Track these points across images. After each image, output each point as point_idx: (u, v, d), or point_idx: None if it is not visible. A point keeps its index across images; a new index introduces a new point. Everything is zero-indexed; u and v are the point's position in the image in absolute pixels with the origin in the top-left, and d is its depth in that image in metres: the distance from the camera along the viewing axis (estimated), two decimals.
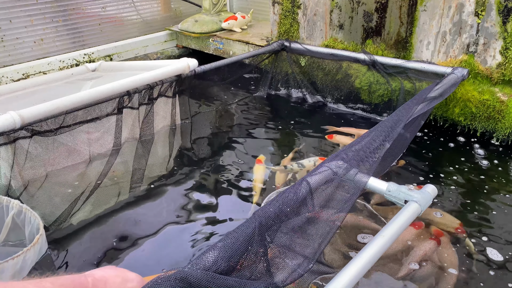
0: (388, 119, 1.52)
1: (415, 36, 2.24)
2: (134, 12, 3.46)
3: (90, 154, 2.00)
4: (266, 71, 2.95)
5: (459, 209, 1.64)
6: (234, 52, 3.18)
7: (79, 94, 1.79)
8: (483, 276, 1.32)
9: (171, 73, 2.18)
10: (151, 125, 2.24)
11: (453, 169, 1.91)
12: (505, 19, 1.92)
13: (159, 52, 3.58)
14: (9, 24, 2.74)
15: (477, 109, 2.08)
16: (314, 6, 2.63)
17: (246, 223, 0.97)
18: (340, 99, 2.62)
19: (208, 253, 0.87)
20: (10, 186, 1.72)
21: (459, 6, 2.04)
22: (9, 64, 2.79)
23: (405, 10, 2.23)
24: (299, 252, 1.06)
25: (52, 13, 2.93)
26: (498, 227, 1.54)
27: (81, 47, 3.17)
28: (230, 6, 3.93)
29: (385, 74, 2.34)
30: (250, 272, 0.94)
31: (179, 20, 3.70)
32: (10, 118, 1.56)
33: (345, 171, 1.23)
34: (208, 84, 2.78)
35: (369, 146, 1.36)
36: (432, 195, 1.26)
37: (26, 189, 1.75)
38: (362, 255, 0.98)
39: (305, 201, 1.11)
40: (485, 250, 1.43)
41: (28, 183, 1.77)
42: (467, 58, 2.10)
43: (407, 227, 1.13)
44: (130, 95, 2.04)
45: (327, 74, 2.64)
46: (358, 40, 2.50)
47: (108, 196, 1.77)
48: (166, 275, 0.78)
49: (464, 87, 2.10)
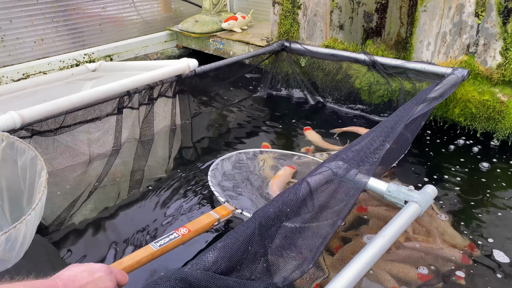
0: (388, 120, 1.52)
1: (415, 36, 2.24)
2: (134, 12, 3.46)
3: (90, 154, 2.00)
4: (266, 72, 2.95)
5: (459, 210, 1.64)
6: (234, 52, 3.19)
7: (79, 94, 1.79)
8: (490, 279, 1.31)
9: (171, 73, 2.18)
10: (151, 125, 2.24)
11: (453, 170, 1.91)
12: (505, 19, 1.92)
13: (159, 52, 3.58)
14: (10, 24, 2.74)
15: (477, 110, 2.08)
16: (314, 6, 2.63)
17: (246, 223, 0.97)
18: (340, 100, 2.62)
19: (208, 253, 0.87)
20: None
21: (459, 7, 2.04)
22: (9, 64, 2.79)
23: (405, 11, 2.23)
24: (299, 252, 1.06)
25: (52, 13, 2.94)
26: (499, 228, 1.54)
27: (82, 47, 3.17)
28: (230, 7, 3.94)
29: (385, 74, 2.34)
30: (250, 272, 0.94)
31: (179, 20, 3.71)
32: (10, 118, 1.56)
33: (345, 172, 1.23)
34: (208, 84, 2.78)
35: (369, 146, 1.36)
36: (432, 196, 1.26)
37: None
38: (362, 255, 0.99)
39: (305, 201, 1.11)
40: (492, 252, 1.42)
41: None
42: (467, 59, 2.10)
43: (407, 225, 1.13)
44: (130, 95, 2.04)
45: (327, 74, 2.64)
46: (358, 40, 2.50)
47: (108, 196, 1.77)
48: (165, 274, 0.78)
49: (464, 87, 2.11)
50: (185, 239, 1.20)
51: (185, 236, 1.20)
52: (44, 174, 1.22)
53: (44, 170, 1.23)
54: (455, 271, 1.32)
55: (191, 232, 1.21)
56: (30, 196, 1.30)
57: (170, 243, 1.16)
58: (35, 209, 1.09)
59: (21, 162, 1.32)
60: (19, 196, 1.33)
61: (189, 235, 1.21)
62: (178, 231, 1.20)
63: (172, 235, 1.18)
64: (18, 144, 1.30)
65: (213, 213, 1.33)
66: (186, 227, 1.22)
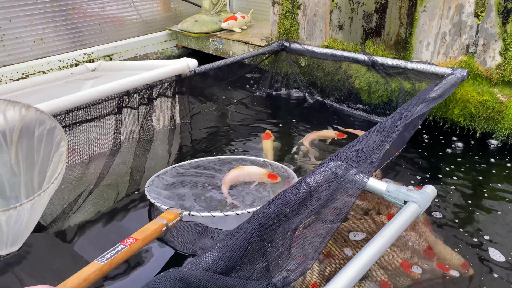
0: (388, 120, 1.52)
1: (414, 36, 2.24)
2: (134, 12, 3.46)
3: (90, 153, 2.00)
4: (266, 72, 2.95)
5: (459, 210, 1.64)
6: (234, 52, 3.19)
7: (79, 94, 1.79)
8: (486, 278, 1.32)
9: (170, 73, 2.18)
10: (151, 125, 2.24)
11: (452, 170, 1.91)
12: (505, 20, 1.93)
13: (159, 52, 3.58)
14: (9, 24, 2.73)
15: (477, 110, 2.09)
16: (314, 6, 2.63)
17: (245, 223, 0.97)
18: (339, 100, 2.62)
19: (208, 253, 0.87)
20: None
21: (459, 7, 2.04)
22: (8, 64, 2.79)
23: (405, 11, 2.23)
24: (299, 252, 1.06)
25: (51, 12, 2.93)
26: (499, 228, 1.54)
27: (81, 47, 3.17)
28: (230, 6, 3.94)
29: (384, 74, 2.34)
30: (249, 272, 0.94)
31: (179, 20, 3.71)
32: None
33: (345, 171, 1.23)
34: (207, 84, 2.78)
35: (368, 146, 1.36)
36: (432, 196, 1.26)
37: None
38: (362, 255, 0.99)
39: (304, 201, 1.11)
40: (487, 251, 1.43)
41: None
42: (466, 59, 2.10)
43: (407, 225, 1.14)
44: (129, 95, 2.04)
45: (327, 74, 2.64)
46: (358, 40, 2.50)
47: (107, 195, 1.77)
48: (165, 274, 0.78)
49: (464, 88, 2.11)
50: (134, 249, 1.16)
51: (133, 245, 1.16)
52: (64, 144, 1.22)
53: (64, 141, 1.23)
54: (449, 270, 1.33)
55: (139, 241, 1.17)
56: (43, 169, 1.30)
57: (118, 255, 1.11)
58: (57, 178, 1.08)
59: (38, 132, 1.31)
60: (30, 169, 1.33)
61: (138, 244, 1.17)
62: (124, 242, 1.16)
63: (119, 247, 1.14)
64: (38, 114, 1.30)
65: (158, 219, 1.29)
66: (133, 237, 1.18)
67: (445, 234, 1.50)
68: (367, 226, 1.48)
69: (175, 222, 1.31)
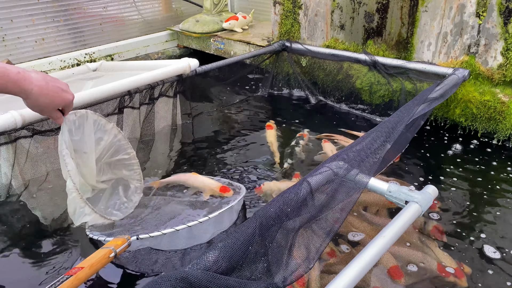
0: (389, 120, 1.52)
1: (416, 37, 2.24)
2: (135, 12, 3.46)
3: None
4: (267, 72, 2.95)
5: (459, 210, 1.64)
6: (235, 52, 3.19)
7: (80, 94, 1.79)
8: (482, 276, 1.32)
9: (172, 73, 2.18)
10: (152, 125, 2.24)
11: (453, 170, 1.91)
12: (506, 20, 1.92)
13: (160, 52, 3.58)
14: (10, 24, 2.74)
15: (478, 110, 2.08)
16: (315, 6, 2.63)
17: (246, 223, 0.97)
18: (341, 100, 2.62)
19: (209, 253, 0.87)
20: (10, 185, 1.72)
21: (460, 7, 2.04)
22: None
23: (406, 11, 2.23)
24: (300, 252, 1.06)
25: (53, 12, 2.94)
26: (499, 228, 1.54)
27: (82, 47, 3.17)
28: (231, 6, 3.94)
29: (386, 74, 2.34)
30: (251, 272, 0.94)
31: (180, 20, 3.71)
32: (11, 117, 1.56)
33: (346, 172, 1.23)
34: (209, 84, 2.78)
35: (370, 146, 1.36)
36: (433, 196, 1.26)
37: (27, 188, 1.75)
38: (362, 256, 0.98)
39: (305, 201, 1.11)
40: (483, 248, 1.43)
41: (28, 182, 1.77)
42: (468, 59, 2.10)
43: (408, 225, 1.13)
44: (131, 95, 2.04)
45: (328, 74, 2.64)
46: (359, 40, 2.50)
47: None
48: (166, 274, 0.78)
49: (465, 88, 2.10)
50: (81, 277, 1.11)
51: (80, 274, 1.11)
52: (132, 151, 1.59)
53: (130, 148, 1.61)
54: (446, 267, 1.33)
55: (85, 269, 1.13)
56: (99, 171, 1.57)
57: (63, 285, 1.06)
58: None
59: (119, 157, 1.63)
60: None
61: (85, 272, 1.13)
62: (69, 272, 1.12)
63: (63, 278, 1.09)
64: (100, 120, 1.56)
65: (105, 247, 1.24)
66: (79, 267, 1.14)
67: (445, 234, 1.50)
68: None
69: (123, 247, 1.26)
